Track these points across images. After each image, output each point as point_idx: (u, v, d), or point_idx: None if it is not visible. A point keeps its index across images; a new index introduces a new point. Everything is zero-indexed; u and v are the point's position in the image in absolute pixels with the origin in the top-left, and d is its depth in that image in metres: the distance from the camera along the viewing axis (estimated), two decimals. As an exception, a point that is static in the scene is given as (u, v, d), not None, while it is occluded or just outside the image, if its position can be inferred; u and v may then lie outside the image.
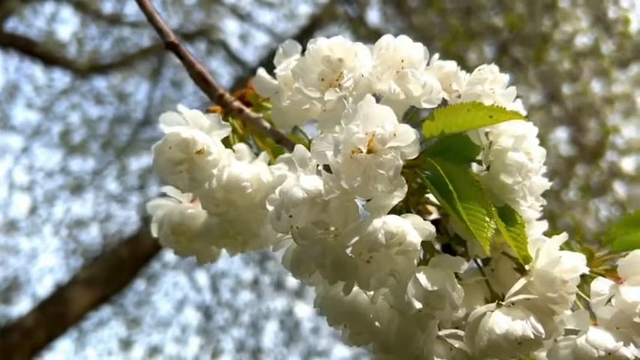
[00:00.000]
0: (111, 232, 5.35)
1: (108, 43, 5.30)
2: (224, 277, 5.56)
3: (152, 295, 5.50)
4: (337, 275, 0.52)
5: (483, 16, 4.33)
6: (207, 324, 5.40)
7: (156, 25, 0.70)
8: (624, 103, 4.45)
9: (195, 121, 0.60)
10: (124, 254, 4.62)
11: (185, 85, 5.67)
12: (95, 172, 5.42)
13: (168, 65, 5.64)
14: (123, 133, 5.55)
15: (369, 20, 5.09)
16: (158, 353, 5.36)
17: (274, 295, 5.55)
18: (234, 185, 0.58)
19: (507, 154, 0.57)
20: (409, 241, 0.50)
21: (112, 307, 5.23)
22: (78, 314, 4.46)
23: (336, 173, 0.50)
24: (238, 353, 5.35)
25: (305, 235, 0.51)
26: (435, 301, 0.53)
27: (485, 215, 0.53)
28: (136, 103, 5.57)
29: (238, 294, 5.55)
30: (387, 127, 0.49)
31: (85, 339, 5.29)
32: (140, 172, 5.54)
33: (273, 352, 5.43)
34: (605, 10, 4.37)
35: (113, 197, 5.45)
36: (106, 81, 5.54)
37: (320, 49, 0.57)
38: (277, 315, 5.50)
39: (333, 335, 5.40)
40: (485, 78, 0.58)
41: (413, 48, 0.57)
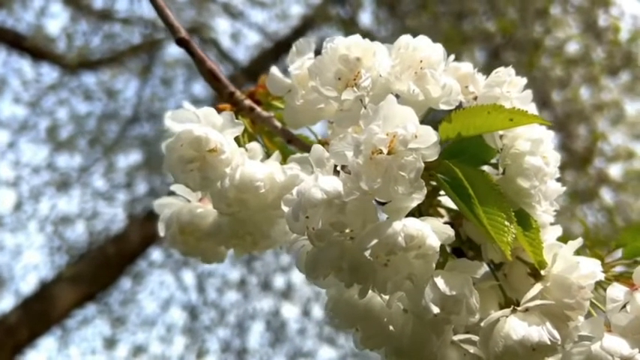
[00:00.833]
0: (97, 229, 5.30)
1: (98, 38, 5.25)
2: (211, 277, 5.53)
3: (137, 293, 5.46)
4: (354, 278, 0.51)
5: (475, 20, 4.35)
6: (192, 324, 5.36)
7: (166, 20, 0.69)
8: (613, 111, 4.49)
9: (207, 118, 0.59)
10: (110, 252, 4.58)
11: (175, 83, 5.64)
12: (82, 169, 5.36)
13: (158, 63, 5.61)
14: (111, 130, 5.50)
15: (361, 22, 5.09)
16: (142, 352, 5.32)
17: (261, 296, 5.54)
18: (247, 185, 0.57)
19: (525, 158, 0.57)
20: (429, 244, 0.49)
21: (96, 306, 5.18)
22: (62, 312, 4.41)
23: (356, 174, 0.49)
24: (223, 353, 5.32)
25: (322, 236, 0.50)
26: (452, 305, 0.52)
27: (505, 220, 0.52)
28: (125, 100, 5.52)
29: (225, 294, 5.52)
30: (409, 128, 0.49)
31: (69, 337, 5.24)
32: (128, 169, 5.49)
33: (258, 353, 5.41)
34: (596, 17, 4.41)
35: (100, 194, 5.40)
36: (95, 77, 5.49)
37: (337, 47, 0.56)
38: (263, 315, 5.48)
39: (319, 336, 5.40)
40: (504, 81, 0.58)
41: (432, 48, 0.57)
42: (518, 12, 4.31)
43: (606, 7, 4.44)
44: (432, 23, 4.20)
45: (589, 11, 4.40)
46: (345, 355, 5.29)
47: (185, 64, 5.65)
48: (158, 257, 5.41)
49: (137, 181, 5.48)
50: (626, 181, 4.43)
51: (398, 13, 4.62)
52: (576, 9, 4.48)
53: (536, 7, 4.27)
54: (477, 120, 0.55)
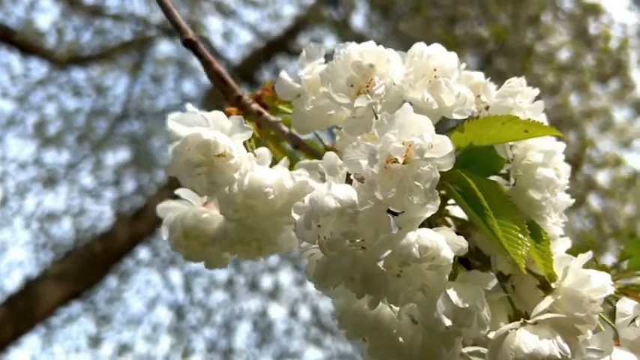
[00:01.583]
0: (84, 227, 5.25)
1: (88, 34, 5.20)
2: (198, 277, 5.51)
3: (124, 292, 5.42)
4: (366, 289, 0.50)
5: (468, 25, 4.37)
6: (179, 323, 5.34)
7: (174, 20, 0.68)
8: (601, 118, 4.53)
9: (216, 122, 0.58)
10: (97, 250, 4.54)
11: (165, 80, 5.60)
12: (70, 166, 5.32)
13: (148, 60, 5.57)
14: (100, 126, 5.46)
15: (353, 24, 5.09)
16: (128, 351, 5.28)
17: (248, 296, 5.52)
18: (256, 191, 0.56)
19: (537, 170, 0.56)
20: (443, 256, 0.49)
21: (81, 304, 5.13)
22: (47, 310, 4.37)
23: (371, 183, 0.48)
24: (209, 353, 5.30)
25: (333, 245, 0.49)
26: (464, 318, 0.51)
27: (519, 232, 0.51)
28: (114, 96, 5.49)
29: (212, 294, 5.50)
30: (426, 138, 0.48)
31: (53, 335, 5.19)
32: (116, 166, 5.45)
33: (245, 353, 5.40)
34: (587, 25, 4.44)
35: (87, 191, 5.36)
36: (85, 73, 5.45)
37: (350, 54, 0.56)
38: (250, 316, 5.47)
39: (306, 337, 5.39)
40: (517, 91, 0.57)
41: (446, 57, 0.56)
42: (510, 18, 4.33)
43: (597, 15, 4.47)
44: (425, 27, 4.21)
45: (580, 19, 4.43)
46: (331, 356, 5.29)
47: (176, 61, 5.62)
48: (145, 256, 5.38)
49: (125, 179, 5.45)
50: (613, 187, 4.46)
51: (391, 16, 4.62)
52: (567, 16, 4.51)
53: (528, 14, 4.29)
54: (490, 130, 0.55)
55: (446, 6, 4.44)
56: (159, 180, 5.38)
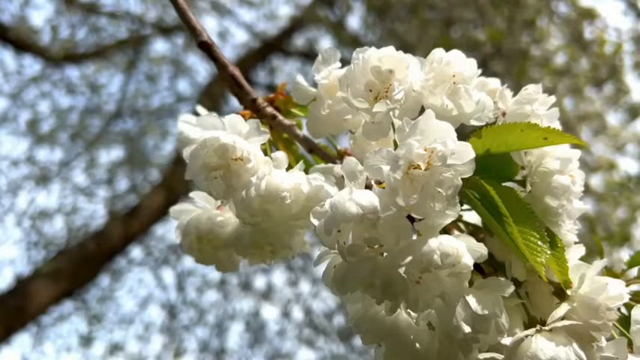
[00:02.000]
0: (76, 225, 5.22)
1: (83, 32, 5.18)
2: (191, 276, 5.49)
3: (116, 291, 5.39)
4: (386, 295, 0.50)
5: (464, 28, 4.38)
6: (171, 323, 5.32)
7: (189, 23, 0.67)
8: (595, 122, 4.55)
9: (233, 126, 0.57)
10: (89, 248, 4.51)
11: (160, 79, 5.59)
12: (62, 163, 5.29)
13: (143, 58, 5.55)
14: (93, 124, 5.44)
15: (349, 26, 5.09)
16: (119, 350, 5.25)
17: (241, 296, 5.51)
18: (273, 195, 0.56)
19: (553, 177, 0.57)
20: (464, 263, 0.49)
21: (73, 302, 5.10)
22: (39, 308, 4.34)
23: (393, 189, 0.48)
24: (202, 353, 5.28)
25: (354, 251, 0.49)
26: (482, 325, 0.51)
27: (539, 239, 0.52)
28: (108, 94, 5.46)
29: (204, 293, 5.48)
30: (449, 144, 0.48)
31: (44, 334, 5.16)
32: (109, 165, 5.43)
33: (237, 354, 5.38)
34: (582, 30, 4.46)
35: (80, 190, 5.33)
36: (79, 71, 5.42)
37: (369, 59, 0.55)
38: (243, 316, 5.46)
39: (299, 338, 5.39)
40: (535, 98, 0.58)
41: (465, 64, 0.56)
42: (506, 21, 4.35)
43: (592, 20, 4.49)
44: (421, 29, 4.22)
45: (575, 23, 4.45)
46: (324, 357, 5.28)
47: (170, 60, 5.61)
48: (138, 255, 5.36)
49: (118, 177, 5.42)
50: (606, 191, 4.49)
51: (387, 18, 4.62)
52: (563, 21, 4.53)
53: (524, 18, 4.30)
54: (509, 137, 0.55)
55: (442, 8, 4.45)
56: (152, 179, 5.36)
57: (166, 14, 5.29)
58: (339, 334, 5.28)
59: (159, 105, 5.59)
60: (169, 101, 5.61)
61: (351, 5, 5.07)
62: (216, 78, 5.26)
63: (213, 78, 5.33)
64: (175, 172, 4.93)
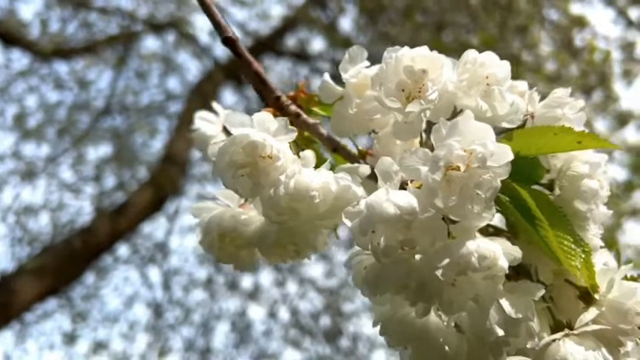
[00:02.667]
0: (62, 221, 5.17)
1: (73, 27, 5.13)
2: (177, 275, 5.46)
3: (101, 289, 5.34)
4: (420, 297, 0.50)
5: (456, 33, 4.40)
6: (156, 321, 5.28)
7: (213, 18, 0.66)
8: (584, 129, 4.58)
9: (262, 123, 0.57)
10: (75, 245, 4.46)
11: (150, 76, 5.55)
12: (49, 159, 5.23)
13: (133, 55, 5.51)
14: (82, 120, 5.38)
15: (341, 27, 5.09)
16: (103, 349, 5.20)
17: (227, 296, 5.49)
18: (302, 194, 0.55)
19: (583, 181, 0.57)
20: (500, 265, 0.48)
21: (57, 300, 5.04)
22: (23, 306, 4.28)
23: (432, 191, 0.47)
24: (187, 352, 5.25)
25: (389, 253, 0.48)
26: (514, 328, 0.51)
27: (572, 243, 0.51)
28: (97, 90, 5.41)
29: (191, 292, 5.45)
30: (488, 146, 0.47)
31: (27, 331, 5.09)
32: (97, 162, 5.38)
33: (222, 353, 5.36)
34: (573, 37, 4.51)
35: (67, 186, 5.27)
36: (68, 66, 5.36)
37: (402, 58, 0.55)
38: (229, 316, 5.43)
39: (285, 339, 5.37)
40: (566, 102, 0.58)
41: (499, 65, 0.56)
42: (498, 27, 4.38)
43: (582, 27, 4.54)
44: (413, 33, 4.23)
45: (566, 30, 4.49)
46: (309, 358, 5.28)
47: (161, 58, 5.57)
48: (124, 252, 5.31)
49: (106, 175, 5.38)
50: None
51: (379, 20, 4.63)
52: (554, 27, 4.57)
53: (516, 24, 4.33)
54: (541, 140, 0.55)
55: (434, 12, 4.47)
56: (140, 176, 5.32)
57: (157, 11, 5.26)
58: (325, 335, 5.28)
59: (148, 102, 5.56)
60: (159, 99, 5.58)
61: (343, 7, 5.07)
62: (207, 76, 5.25)
63: (203, 76, 5.31)
64: (164, 170, 4.91)
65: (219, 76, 5.17)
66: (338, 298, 5.32)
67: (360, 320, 5.30)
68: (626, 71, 4.49)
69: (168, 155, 5.02)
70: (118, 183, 5.36)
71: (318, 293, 5.33)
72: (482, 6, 4.42)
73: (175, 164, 4.98)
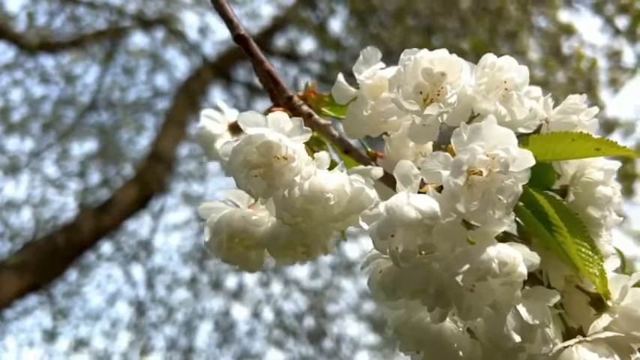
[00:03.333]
0: (45, 217, 5.10)
1: (60, 20, 5.06)
2: (161, 273, 5.42)
3: (83, 286, 5.28)
4: (439, 302, 0.49)
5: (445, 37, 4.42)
6: (139, 320, 5.23)
7: (225, 15, 0.65)
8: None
9: (276, 123, 0.56)
10: (59, 242, 4.41)
11: (137, 73, 5.50)
12: (33, 154, 5.16)
13: (121, 51, 5.45)
14: (67, 115, 5.32)
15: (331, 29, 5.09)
16: (84, 347, 5.15)
17: (211, 295, 5.45)
18: (317, 195, 0.54)
19: (597, 188, 0.57)
20: (520, 272, 0.48)
21: (38, 296, 4.98)
22: (3, 302, 4.22)
23: (454, 195, 0.47)
24: (169, 352, 5.21)
25: (408, 257, 0.48)
26: (530, 334, 0.51)
27: (590, 250, 0.51)
28: (84, 86, 5.35)
29: (174, 291, 5.41)
30: (511, 151, 0.47)
31: (6, 328, 5.02)
32: (82, 157, 5.32)
33: (205, 353, 5.32)
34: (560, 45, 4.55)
35: (50, 181, 5.21)
36: (54, 60, 5.29)
37: (420, 60, 0.54)
38: (213, 315, 5.40)
39: (268, 339, 5.36)
40: (582, 109, 0.58)
41: (517, 70, 0.56)
42: (488, 33, 4.40)
43: (570, 35, 4.58)
44: (404, 36, 4.24)
45: (554, 38, 4.53)
46: (293, 359, 5.26)
47: (149, 54, 5.52)
48: (107, 250, 5.26)
49: (91, 171, 5.32)
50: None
51: (370, 23, 4.63)
52: (542, 34, 4.61)
53: (506, 30, 4.37)
54: (558, 146, 0.54)
55: (425, 16, 4.48)
56: (126, 173, 5.28)
57: (146, 7, 5.22)
58: (308, 336, 5.27)
59: (135, 98, 5.51)
60: (146, 95, 5.53)
61: (334, 8, 5.07)
62: (195, 74, 5.21)
63: (192, 74, 5.27)
64: (149, 168, 4.87)
65: (208, 74, 5.14)
66: (322, 299, 5.31)
67: (344, 322, 5.30)
68: (613, 79, 4.55)
69: (155, 152, 4.99)
70: (103, 179, 5.30)
71: (303, 294, 5.32)
72: (473, 11, 4.45)
73: (161, 162, 4.95)
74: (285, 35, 5.52)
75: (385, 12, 4.55)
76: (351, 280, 5.31)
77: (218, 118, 0.77)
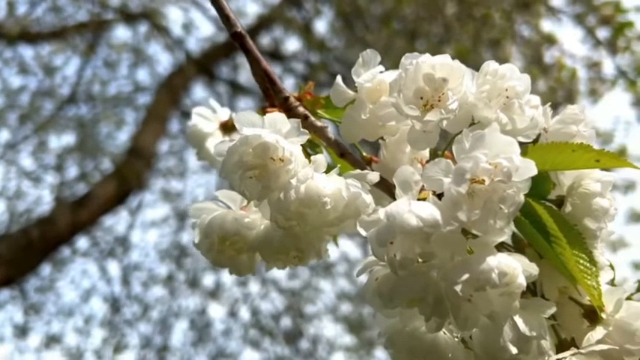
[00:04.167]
0: (19, 210, 5.01)
1: (41, 10, 4.98)
2: (137, 270, 5.36)
3: (57, 281, 5.20)
4: (436, 312, 0.48)
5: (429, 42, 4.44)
6: (113, 317, 5.16)
7: (222, 11, 0.64)
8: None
9: (273, 124, 0.55)
10: (33, 235, 4.33)
11: (119, 66, 5.43)
12: (9, 145, 5.06)
13: (103, 44, 5.38)
14: (45, 107, 5.23)
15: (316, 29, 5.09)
16: (56, 343, 5.07)
17: (188, 293, 5.41)
18: (314, 199, 0.53)
19: (594, 199, 0.56)
20: (519, 283, 0.47)
21: (10, 290, 4.88)
22: (-25, 295, 4.14)
23: (455, 203, 0.46)
24: (143, 349, 5.15)
25: (406, 265, 0.47)
26: (525, 345, 0.50)
27: (588, 262, 0.51)
28: (63, 78, 5.26)
29: (150, 288, 5.36)
30: (515, 160, 0.47)
31: (-24, 322, 4.92)
32: (59, 150, 5.24)
33: (179, 352, 5.28)
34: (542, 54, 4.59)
35: (26, 174, 5.12)
36: (34, 50, 5.20)
37: (422, 65, 0.54)
38: (188, 314, 5.36)
39: (244, 339, 5.33)
40: (582, 119, 0.57)
41: (519, 78, 0.55)
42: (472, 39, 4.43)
43: (552, 45, 4.63)
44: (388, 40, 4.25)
45: (536, 47, 4.58)
46: (268, 359, 5.24)
47: (132, 48, 5.46)
48: (83, 245, 5.18)
49: (68, 164, 5.24)
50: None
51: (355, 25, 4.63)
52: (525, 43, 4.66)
53: (489, 37, 4.40)
54: (557, 156, 0.54)
55: (411, 21, 4.50)
56: (104, 168, 5.21)
57: (130, 0, 5.16)
58: (285, 336, 5.25)
59: (116, 92, 5.44)
60: (127, 90, 5.47)
61: (319, 9, 5.06)
62: (178, 70, 5.16)
63: (174, 69, 5.22)
64: (129, 163, 4.81)
65: (191, 71, 5.10)
66: (300, 300, 5.30)
67: (320, 322, 5.30)
68: (592, 90, 4.61)
69: (134, 148, 4.93)
70: (81, 173, 5.22)
71: (280, 294, 5.30)
72: (457, 17, 4.47)
73: (141, 157, 4.89)
74: (270, 34, 5.50)
75: (371, 15, 4.55)
76: (329, 281, 5.31)
77: (209, 116, 0.76)
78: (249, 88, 5.16)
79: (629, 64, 4.37)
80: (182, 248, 5.37)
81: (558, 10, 4.53)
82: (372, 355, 5.21)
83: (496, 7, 4.28)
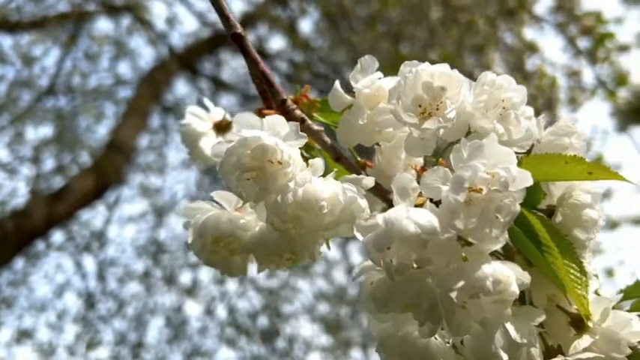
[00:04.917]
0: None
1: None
2: (113, 266, 5.30)
3: (30, 275, 5.12)
4: (431, 317, 0.49)
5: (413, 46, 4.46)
6: (87, 312, 5.10)
7: (222, 11, 0.64)
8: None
9: (272, 126, 0.55)
10: (7, 228, 4.26)
11: (100, 59, 5.37)
12: (-16, 135, 4.98)
13: (84, 35, 5.32)
14: (23, 98, 5.15)
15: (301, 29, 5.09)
16: (27, 338, 4.99)
17: (164, 290, 5.36)
18: (311, 203, 0.53)
19: (584, 210, 0.57)
20: (512, 291, 0.48)
21: (-19, 284, 4.81)
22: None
23: (453, 211, 0.47)
24: (117, 346, 5.09)
25: (402, 270, 0.48)
26: (515, 353, 0.51)
27: (579, 272, 0.52)
28: (42, 68, 5.19)
29: (126, 284, 5.30)
30: (512, 170, 0.47)
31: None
32: (36, 142, 5.16)
33: (154, 349, 5.23)
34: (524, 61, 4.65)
35: (1, 165, 5.03)
36: (13, 40, 5.12)
37: (421, 73, 0.54)
38: (164, 311, 5.32)
39: (220, 337, 5.30)
40: (574, 131, 0.58)
41: (516, 90, 0.56)
42: (455, 44, 4.47)
43: (533, 53, 4.69)
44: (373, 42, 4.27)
45: (519, 54, 4.64)
46: (244, 357, 5.23)
47: (113, 41, 5.40)
48: (58, 239, 5.11)
49: (45, 156, 5.16)
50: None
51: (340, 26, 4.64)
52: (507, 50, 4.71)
53: (473, 43, 4.44)
54: (551, 168, 0.55)
55: (396, 24, 4.52)
56: (82, 161, 5.14)
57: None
58: (261, 335, 5.24)
59: (96, 85, 5.38)
60: (107, 83, 5.41)
61: (305, 9, 5.06)
62: (160, 64, 5.12)
63: (157, 64, 5.18)
64: (107, 157, 4.76)
65: (174, 66, 5.06)
66: (277, 299, 5.29)
67: (297, 322, 5.30)
68: (572, 98, 4.68)
69: (114, 142, 4.88)
70: (58, 166, 5.15)
71: (258, 293, 5.29)
72: (442, 22, 4.51)
73: (120, 152, 4.84)
74: (254, 32, 5.48)
75: (356, 17, 4.56)
76: (307, 280, 5.31)
77: (203, 115, 0.76)
78: (231, 84, 5.15)
79: (608, 74, 4.45)
80: (159, 244, 5.33)
81: (541, 19, 4.60)
82: (348, 355, 5.23)
83: (480, 14, 4.32)
